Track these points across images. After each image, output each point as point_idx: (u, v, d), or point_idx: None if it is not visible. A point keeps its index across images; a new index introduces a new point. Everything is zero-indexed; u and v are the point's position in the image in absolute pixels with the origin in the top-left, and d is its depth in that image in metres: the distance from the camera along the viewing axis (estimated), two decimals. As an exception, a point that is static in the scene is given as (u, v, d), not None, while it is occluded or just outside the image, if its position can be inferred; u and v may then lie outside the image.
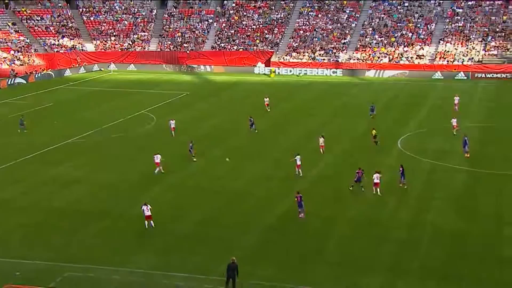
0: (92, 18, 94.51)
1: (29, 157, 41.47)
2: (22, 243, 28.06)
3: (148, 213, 29.30)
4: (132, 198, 33.49)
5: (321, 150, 41.02)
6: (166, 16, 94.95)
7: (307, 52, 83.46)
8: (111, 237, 28.72)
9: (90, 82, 76.42)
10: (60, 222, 30.33)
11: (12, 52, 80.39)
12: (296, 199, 30.21)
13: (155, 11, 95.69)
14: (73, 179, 36.71)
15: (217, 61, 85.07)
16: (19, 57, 79.75)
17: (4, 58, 78.10)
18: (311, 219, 30.32)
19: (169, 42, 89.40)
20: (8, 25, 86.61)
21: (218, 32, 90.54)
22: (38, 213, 31.49)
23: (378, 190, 33.21)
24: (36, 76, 76.44)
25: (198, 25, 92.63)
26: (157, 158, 37.53)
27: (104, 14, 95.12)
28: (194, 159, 40.12)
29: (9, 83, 71.51)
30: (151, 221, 29.27)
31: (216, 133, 47.61)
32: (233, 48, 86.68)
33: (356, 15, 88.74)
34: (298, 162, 36.52)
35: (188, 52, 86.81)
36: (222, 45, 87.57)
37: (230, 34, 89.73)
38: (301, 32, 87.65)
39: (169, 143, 44.86)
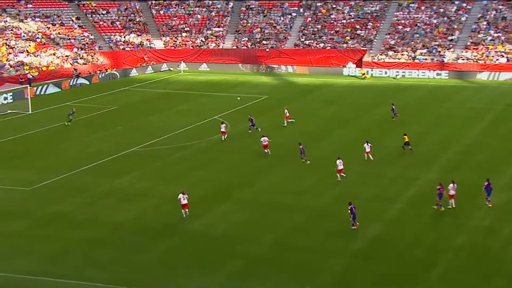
0: (162, 12, 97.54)
1: (90, 166, 43.19)
2: (80, 261, 29.18)
3: (184, 201, 33.33)
4: (199, 214, 34.09)
5: (365, 156, 42.63)
6: (244, 9, 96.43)
7: (406, 51, 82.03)
8: (173, 257, 29.37)
9: (157, 83, 78.76)
10: (121, 239, 31.34)
11: (75, 49, 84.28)
12: (349, 210, 31.57)
13: (231, 3, 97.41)
14: (137, 192, 37.88)
15: (300, 60, 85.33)
16: (82, 55, 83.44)
17: (66, 56, 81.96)
18: (410, 245, 29.78)
19: (246, 39, 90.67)
20: (72, 20, 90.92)
21: (302, 27, 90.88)
22: (99, 228, 32.69)
23: (453, 202, 33.63)
24: (100, 76, 79.72)
25: (280, 19, 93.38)
26: (265, 141, 44.23)
27: (175, 7, 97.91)
28: (308, 162, 41.96)
29: (71, 83, 74.91)
30: (186, 210, 33.37)
31: (297, 142, 47.59)
32: (319, 46, 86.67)
33: (467, 6, 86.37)
34: (340, 167, 38.56)
35: (267, 50, 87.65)
36: (307, 42, 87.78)
37: (316, 30, 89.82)
38: (400, 27, 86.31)
39: (243, 151, 45.36)
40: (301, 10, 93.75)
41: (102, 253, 29.85)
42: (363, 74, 78.42)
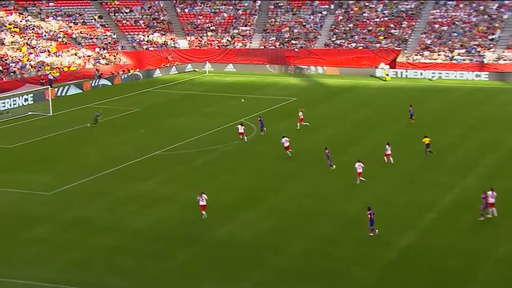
0: (186, 10, 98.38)
1: (112, 170, 43.74)
2: (102, 268, 29.59)
3: (203, 202, 34.12)
4: (224, 221, 34.33)
5: (385, 159, 42.66)
6: (272, 7, 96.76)
7: (443, 51, 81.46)
8: (196, 264, 29.57)
9: (182, 84, 79.40)
10: (142, 245, 31.70)
11: (97, 49, 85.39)
12: (368, 215, 31.69)
13: (259, 2, 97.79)
14: (160, 197, 38.26)
15: (331, 61, 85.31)
16: (105, 55, 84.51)
17: (88, 56, 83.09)
18: (445, 255, 29.63)
19: (275, 39, 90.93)
20: (94, 19, 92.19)
21: (333, 26, 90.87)
22: (120, 234, 33.08)
23: (495, 211, 33.40)
24: (123, 77, 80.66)
25: (310, 18, 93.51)
26: (286, 142, 44.66)
27: (200, 5, 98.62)
28: (333, 167, 42.21)
29: (93, 84, 75.95)
30: (203, 212, 34.18)
31: (328, 147, 47.60)
32: (351, 46, 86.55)
33: (510, 4, 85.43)
34: (359, 170, 38.79)
35: (296, 50, 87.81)
36: (338, 42, 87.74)
37: (347, 29, 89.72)
38: (437, 26, 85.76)
39: (269, 155, 45.51)
40: (332, 8, 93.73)
41: (123, 260, 30.21)
42: (386, 74, 77.91)
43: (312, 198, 37.52)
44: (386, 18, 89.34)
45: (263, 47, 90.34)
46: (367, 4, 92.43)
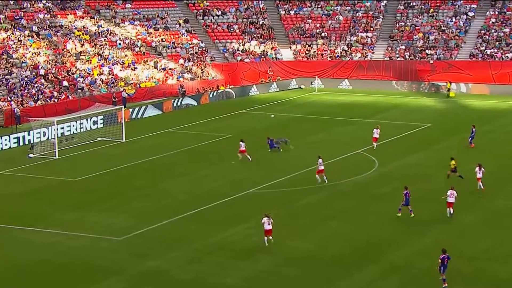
0: (292, 12, 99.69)
1: (196, 211, 44.80)
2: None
3: (269, 227, 38.00)
4: (333, 279, 34.52)
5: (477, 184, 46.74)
6: (402, 8, 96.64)
7: None
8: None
9: (284, 105, 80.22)
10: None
11: (181, 61, 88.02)
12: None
13: (385, 1, 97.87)
14: (253, 247, 38.79)
15: (478, 76, 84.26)
16: (190, 68, 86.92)
17: (170, 70, 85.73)
18: None
19: (404, 48, 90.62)
20: (179, 24, 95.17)
21: (482, 32, 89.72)
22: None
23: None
24: (211, 95, 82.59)
25: (451, 21, 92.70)
26: (320, 164, 48.71)
27: (310, 6, 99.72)
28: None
29: (175, 104, 78.14)
30: (270, 237, 37.98)
31: (470, 189, 47.17)
32: (506, 57, 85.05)
33: None
34: (451, 200, 41.73)
35: (431, 62, 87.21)
36: (488, 52, 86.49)
37: (502, 34, 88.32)
38: None
39: (394, 197, 45.47)
40: (481, 7, 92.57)
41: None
42: (448, 89, 78.58)
43: (451, 254, 37.00)
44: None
45: (388, 59, 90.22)
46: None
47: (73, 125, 66.37)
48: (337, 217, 43.43)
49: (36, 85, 73.48)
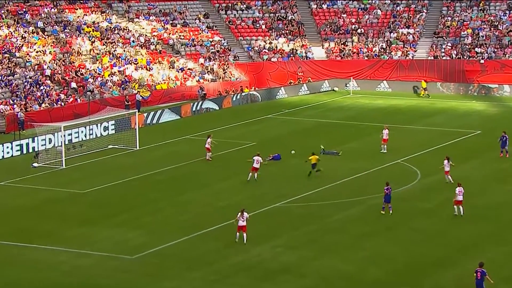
0: (325, 6, 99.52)
1: (218, 227, 44.57)
2: None
3: (243, 223, 39.87)
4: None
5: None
6: (448, 1, 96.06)
7: None
8: None
9: (315, 109, 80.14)
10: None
11: (201, 60, 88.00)
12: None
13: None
14: (281, 267, 38.51)
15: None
16: (211, 69, 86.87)
17: (189, 70, 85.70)
18: None
19: (450, 46, 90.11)
20: (199, 19, 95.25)
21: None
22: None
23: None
24: (234, 98, 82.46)
25: (504, 15, 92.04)
26: (256, 162, 51.41)
27: (345, 0, 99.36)
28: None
29: (193, 109, 78.06)
30: (244, 234, 39.81)
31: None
32: None
33: None
34: (459, 198, 43.23)
35: (482, 62, 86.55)
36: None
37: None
38: None
39: (440, 212, 44.97)
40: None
41: None
42: (424, 88, 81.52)
43: (507, 278, 36.49)
44: None
45: (432, 58, 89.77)
46: None
47: (82, 131, 66.41)
48: (375, 234, 43.09)
49: (41, 87, 73.64)
